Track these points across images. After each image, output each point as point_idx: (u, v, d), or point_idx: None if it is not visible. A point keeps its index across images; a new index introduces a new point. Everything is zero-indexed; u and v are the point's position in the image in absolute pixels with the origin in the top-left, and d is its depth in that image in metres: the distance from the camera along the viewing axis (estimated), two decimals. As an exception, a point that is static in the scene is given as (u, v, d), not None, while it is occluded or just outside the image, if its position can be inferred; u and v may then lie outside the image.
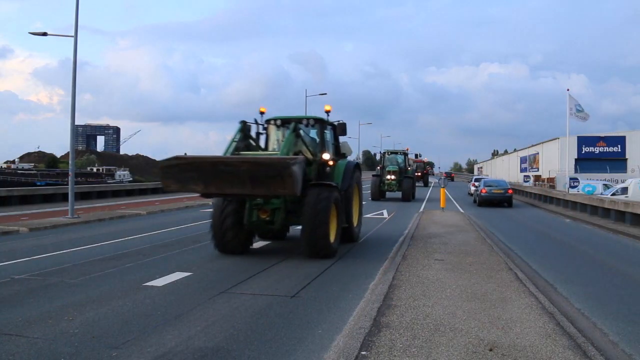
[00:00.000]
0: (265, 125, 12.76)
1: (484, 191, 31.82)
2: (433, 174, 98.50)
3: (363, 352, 5.18)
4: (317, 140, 12.59)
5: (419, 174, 58.86)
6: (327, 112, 12.90)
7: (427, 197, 38.59)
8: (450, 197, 37.29)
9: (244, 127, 11.54)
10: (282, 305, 7.24)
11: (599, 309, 7.61)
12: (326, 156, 12.09)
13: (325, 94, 70.46)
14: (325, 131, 12.77)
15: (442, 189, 27.24)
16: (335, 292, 8.13)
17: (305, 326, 6.31)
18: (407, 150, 39.92)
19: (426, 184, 62.44)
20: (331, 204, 10.69)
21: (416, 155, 50.23)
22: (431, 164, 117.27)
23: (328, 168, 12.26)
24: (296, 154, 11.06)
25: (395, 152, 37.48)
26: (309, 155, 11.70)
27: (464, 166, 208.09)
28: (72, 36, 18.89)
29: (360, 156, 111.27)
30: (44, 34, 19.35)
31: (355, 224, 13.34)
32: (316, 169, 12.00)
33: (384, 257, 11.38)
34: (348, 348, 5.29)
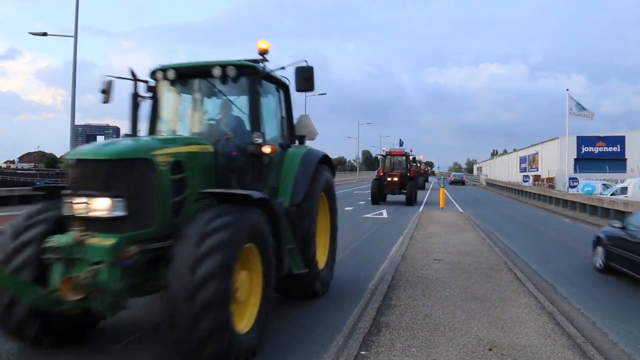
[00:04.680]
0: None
1: (452, 179, 73.08)
2: (433, 174, 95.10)
3: (362, 352, 5.18)
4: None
5: (395, 178, 28.98)
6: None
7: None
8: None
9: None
10: (281, 305, 7.24)
11: (599, 309, 7.61)
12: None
13: (325, 94, 65.70)
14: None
15: (441, 189, 27.27)
16: (334, 292, 8.12)
17: (304, 326, 6.31)
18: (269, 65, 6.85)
19: (411, 201, 28.82)
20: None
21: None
22: (430, 164, 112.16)
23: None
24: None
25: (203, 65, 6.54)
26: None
27: (464, 166, 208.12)
28: (72, 36, 18.90)
29: (360, 156, 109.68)
30: (44, 34, 19.37)
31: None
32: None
33: (383, 256, 11.36)
34: (348, 348, 5.30)
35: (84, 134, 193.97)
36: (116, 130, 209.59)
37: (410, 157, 34.75)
